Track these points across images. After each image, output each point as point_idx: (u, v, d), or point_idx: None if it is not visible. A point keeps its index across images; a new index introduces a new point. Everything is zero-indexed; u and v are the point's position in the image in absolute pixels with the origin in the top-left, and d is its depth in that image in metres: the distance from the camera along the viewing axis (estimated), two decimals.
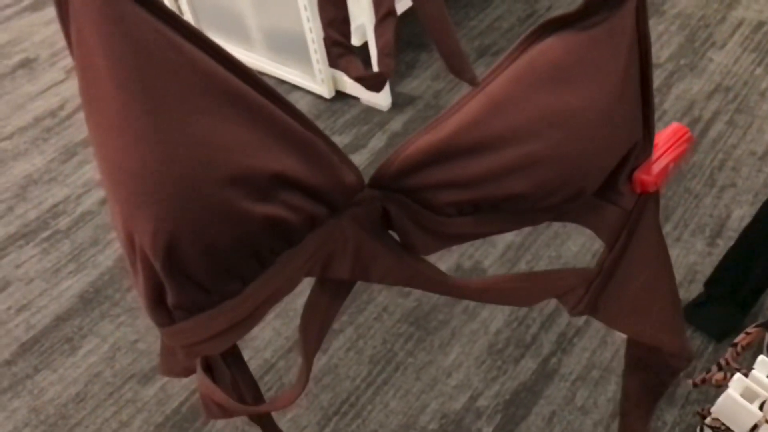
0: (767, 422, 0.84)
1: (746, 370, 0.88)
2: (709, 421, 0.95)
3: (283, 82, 1.89)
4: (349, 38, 0.55)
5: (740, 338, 1.07)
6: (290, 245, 0.51)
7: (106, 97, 0.42)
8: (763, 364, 0.87)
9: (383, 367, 1.28)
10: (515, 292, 0.63)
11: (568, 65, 0.49)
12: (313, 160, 0.48)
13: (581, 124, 0.49)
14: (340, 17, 0.54)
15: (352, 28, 0.61)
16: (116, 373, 1.32)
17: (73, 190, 1.70)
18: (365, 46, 1.71)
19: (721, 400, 0.88)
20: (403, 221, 0.54)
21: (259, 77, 0.45)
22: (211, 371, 0.61)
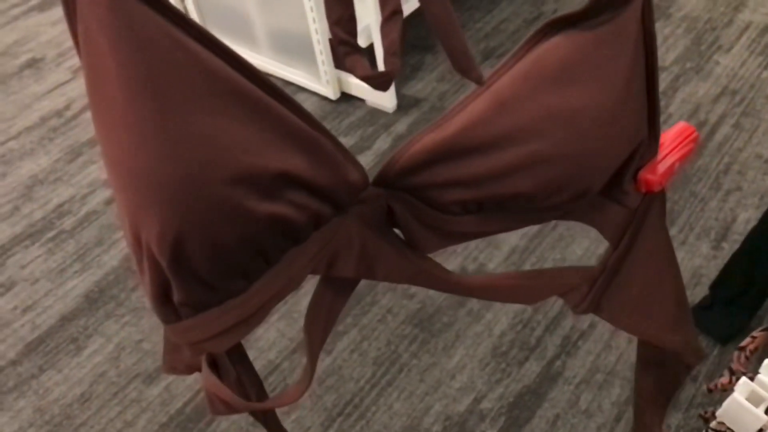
0: None
1: (752, 373, 0.87)
2: (714, 425, 0.94)
3: (288, 83, 1.89)
4: (355, 37, 0.55)
5: (746, 342, 1.06)
6: (295, 243, 0.51)
7: (112, 96, 0.42)
8: None
9: (387, 368, 1.27)
10: (519, 289, 0.63)
11: (573, 64, 0.49)
12: (318, 158, 0.48)
13: (586, 123, 0.49)
14: (346, 16, 0.54)
15: (358, 29, 0.61)
16: (121, 373, 1.32)
17: (78, 190, 1.70)
18: (371, 47, 1.71)
19: (726, 404, 0.87)
20: (407, 219, 0.54)
21: (264, 76, 0.45)
22: (216, 368, 0.61)
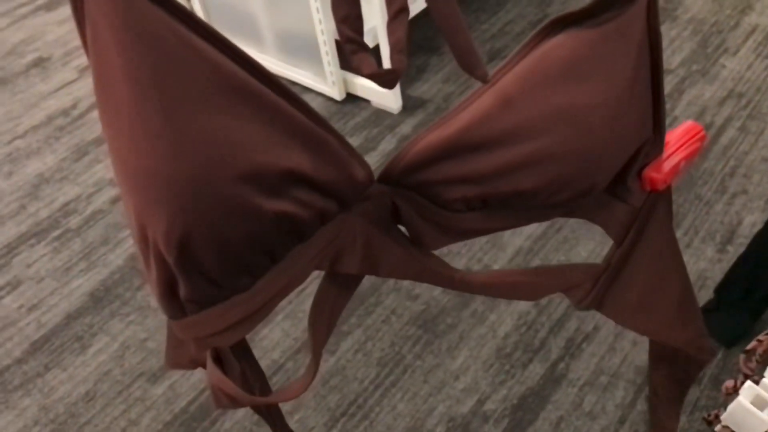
0: None
1: (757, 377, 0.87)
2: (718, 428, 0.94)
3: (294, 84, 1.89)
4: (362, 35, 0.55)
5: (753, 345, 1.06)
6: (301, 240, 0.51)
7: (120, 94, 0.43)
8: None
9: (391, 369, 1.27)
10: (522, 286, 0.63)
11: (578, 62, 0.48)
12: (323, 156, 0.48)
13: (591, 120, 0.49)
14: (353, 14, 0.54)
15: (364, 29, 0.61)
16: (125, 371, 1.32)
17: (84, 188, 1.71)
18: (377, 48, 1.72)
19: (731, 407, 0.87)
20: (412, 216, 0.54)
21: (271, 74, 0.45)
22: (221, 363, 0.61)
